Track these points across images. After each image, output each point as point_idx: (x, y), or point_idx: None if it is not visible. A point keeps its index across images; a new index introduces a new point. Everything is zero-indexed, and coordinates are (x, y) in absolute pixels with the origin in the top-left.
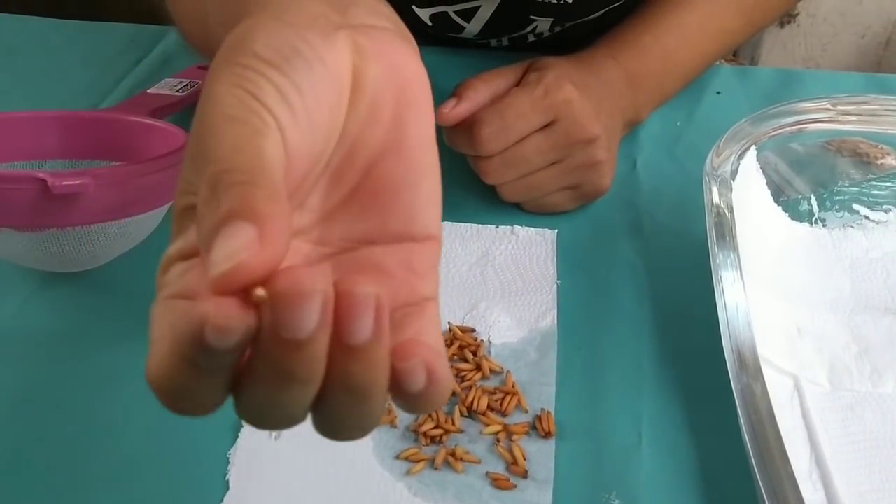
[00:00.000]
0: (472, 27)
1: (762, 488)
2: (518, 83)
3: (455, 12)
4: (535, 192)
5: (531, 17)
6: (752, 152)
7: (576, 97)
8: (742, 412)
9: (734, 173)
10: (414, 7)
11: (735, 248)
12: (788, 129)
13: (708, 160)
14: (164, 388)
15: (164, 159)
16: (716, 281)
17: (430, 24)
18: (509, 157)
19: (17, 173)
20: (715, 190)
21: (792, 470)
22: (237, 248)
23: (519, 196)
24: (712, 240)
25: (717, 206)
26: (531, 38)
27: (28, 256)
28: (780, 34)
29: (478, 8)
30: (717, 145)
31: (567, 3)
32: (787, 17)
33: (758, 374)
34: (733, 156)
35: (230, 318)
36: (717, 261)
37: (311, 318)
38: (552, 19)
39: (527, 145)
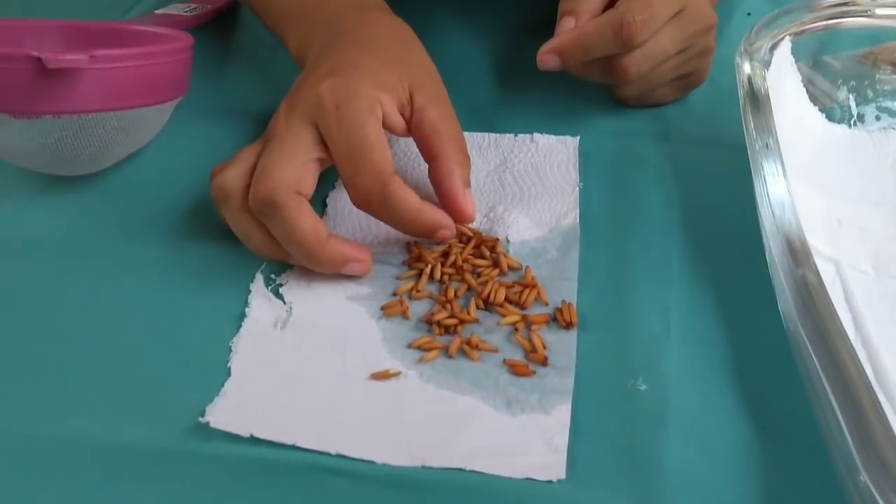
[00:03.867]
0: None
1: (818, 365)
2: None
3: None
4: (653, 85)
5: None
6: (787, 43)
7: None
8: (793, 297)
9: (767, 63)
10: None
11: (773, 133)
12: (824, 22)
13: (740, 45)
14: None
15: (164, 51)
16: (754, 169)
17: None
18: (650, 49)
19: (10, 51)
20: (747, 65)
21: (851, 344)
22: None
23: (637, 89)
24: (748, 124)
25: (751, 82)
26: None
27: (25, 150)
28: None
29: None
30: (748, 34)
31: None
32: None
33: (809, 259)
34: (765, 46)
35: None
36: (756, 147)
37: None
38: None
39: (664, 35)
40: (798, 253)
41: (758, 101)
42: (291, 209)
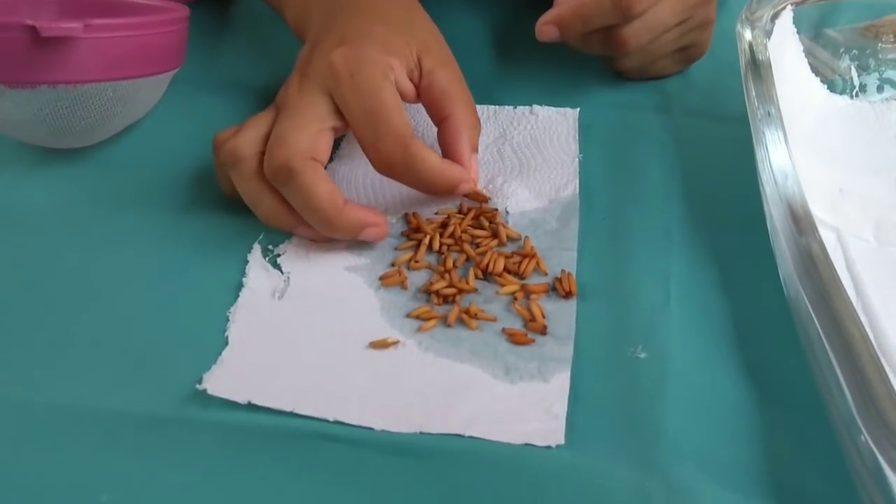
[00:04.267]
0: None
1: (819, 328)
2: None
3: None
4: (653, 57)
5: None
6: (788, 13)
7: None
8: (794, 263)
9: (769, 33)
10: None
11: (774, 101)
12: None
13: (742, 13)
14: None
15: (160, 21)
16: (756, 137)
17: None
18: (649, 20)
19: (5, 20)
20: (748, 33)
21: (853, 306)
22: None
23: (636, 62)
24: (750, 92)
25: (752, 50)
26: None
27: (22, 122)
28: None
29: None
30: (750, 2)
31: None
32: None
33: (812, 226)
34: (766, 16)
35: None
36: (758, 115)
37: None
38: None
39: (664, 6)
40: (800, 218)
41: (759, 68)
42: (308, 175)
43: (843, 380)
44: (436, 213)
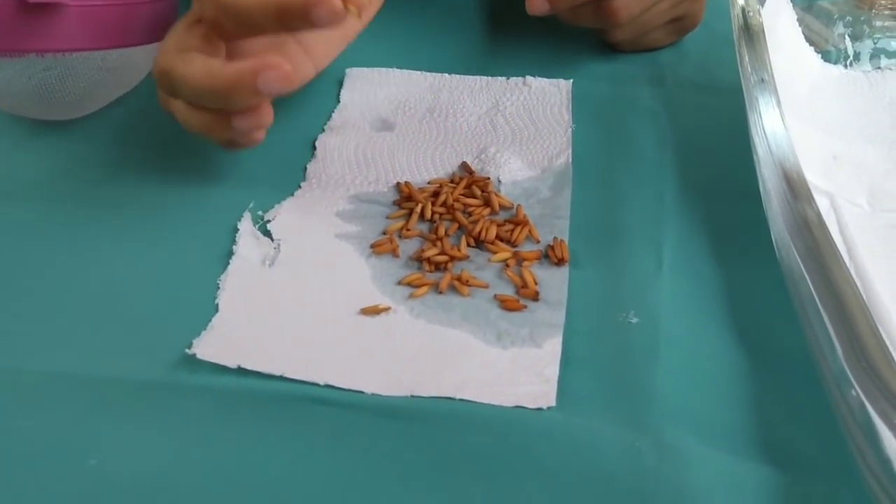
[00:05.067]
0: None
1: (812, 287)
2: None
3: None
4: (645, 28)
5: None
6: None
7: None
8: (788, 226)
9: (762, 1)
10: None
11: (767, 67)
12: None
13: None
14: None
15: None
16: (749, 102)
17: None
18: None
19: None
20: None
21: (845, 264)
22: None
23: (628, 34)
24: (743, 58)
25: (745, 14)
26: None
27: (11, 93)
28: None
29: None
30: None
31: None
32: None
33: (806, 189)
34: None
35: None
36: (751, 81)
37: None
38: None
39: None
40: (795, 183)
41: (752, 34)
42: (179, 67)
43: (833, 334)
44: (428, 183)
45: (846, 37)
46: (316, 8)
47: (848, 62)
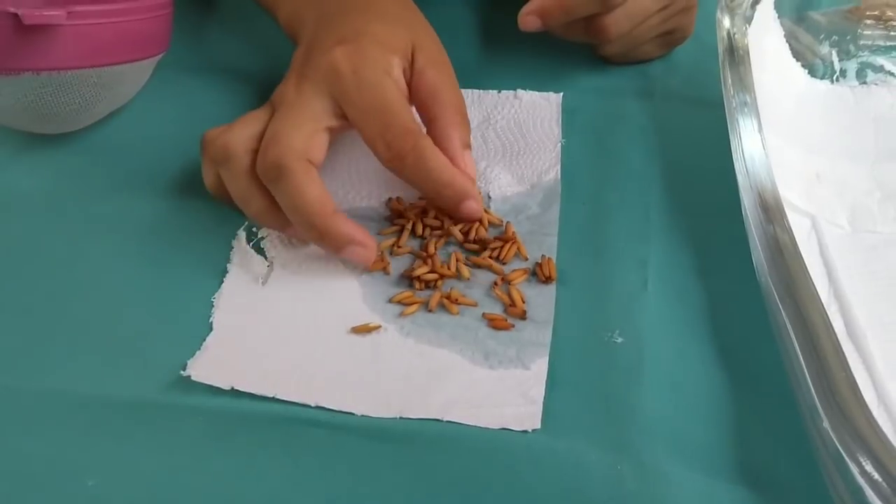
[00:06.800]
0: None
1: (785, 316)
2: None
3: None
4: (636, 42)
5: None
6: None
7: None
8: (763, 251)
9: (749, 19)
10: None
11: (751, 89)
12: None
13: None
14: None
15: (144, 7)
16: (731, 125)
17: None
18: (630, 8)
19: None
20: (727, 20)
21: (818, 296)
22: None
23: (619, 47)
24: (726, 80)
25: (731, 38)
26: None
27: (6, 107)
28: None
29: None
30: None
31: None
32: None
33: (781, 215)
34: (746, 2)
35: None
36: (733, 103)
37: None
38: None
39: None
40: (769, 207)
41: (736, 57)
42: (299, 175)
43: (805, 368)
44: (419, 198)
45: (833, 52)
46: (468, 202)
47: (835, 77)
